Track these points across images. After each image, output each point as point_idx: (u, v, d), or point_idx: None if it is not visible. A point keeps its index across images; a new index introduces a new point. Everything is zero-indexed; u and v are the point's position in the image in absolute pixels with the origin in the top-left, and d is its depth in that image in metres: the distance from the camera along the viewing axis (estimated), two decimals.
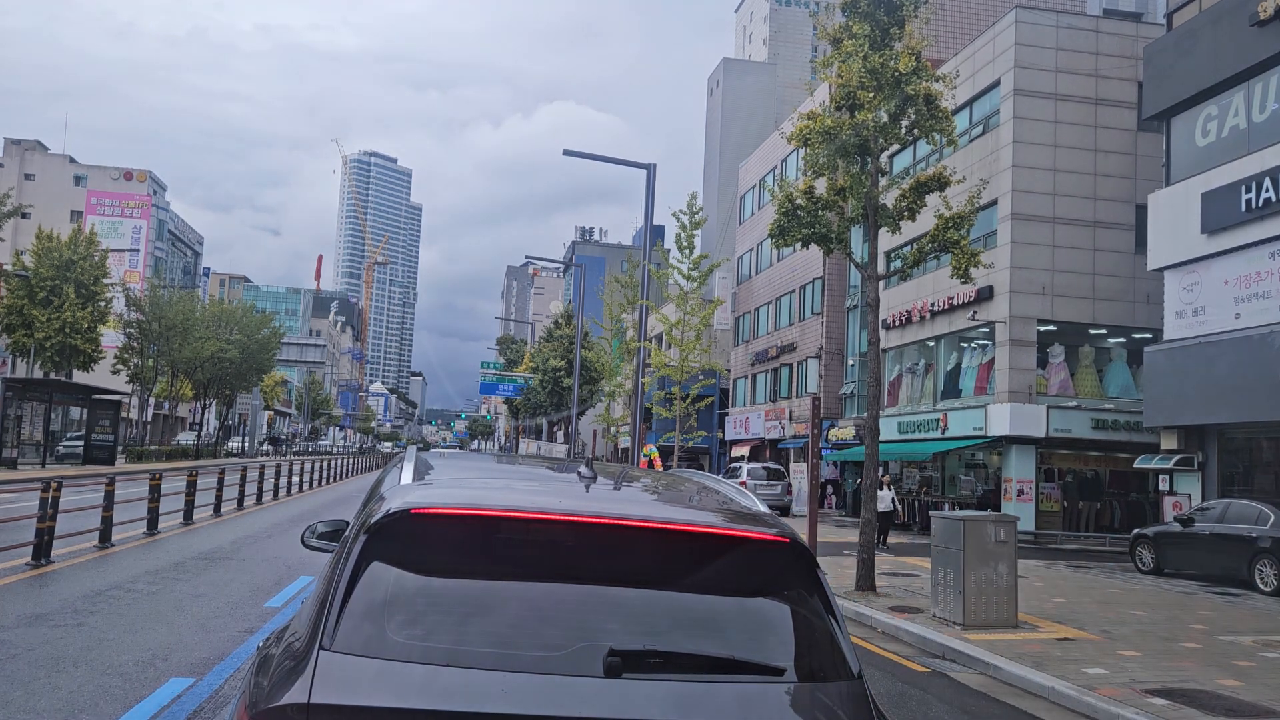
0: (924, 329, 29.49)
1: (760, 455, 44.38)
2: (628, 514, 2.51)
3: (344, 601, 2.24)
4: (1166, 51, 20.97)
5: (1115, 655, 9.83)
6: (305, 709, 2.00)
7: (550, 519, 2.42)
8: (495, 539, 2.42)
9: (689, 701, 2.15)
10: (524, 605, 2.37)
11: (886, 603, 12.86)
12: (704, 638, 2.35)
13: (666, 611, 2.38)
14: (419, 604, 2.31)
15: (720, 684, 2.24)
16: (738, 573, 2.51)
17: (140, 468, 36.21)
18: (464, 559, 2.40)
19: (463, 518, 2.40)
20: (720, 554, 2.49)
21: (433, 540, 2.38)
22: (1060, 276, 25.44)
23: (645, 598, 2.39)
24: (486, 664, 2.14)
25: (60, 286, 43.71)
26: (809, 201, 14.59)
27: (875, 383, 14.22)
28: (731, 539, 2.51)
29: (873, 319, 14.37)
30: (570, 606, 2.36)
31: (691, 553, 2.46)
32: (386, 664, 2.11)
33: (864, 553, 13.93)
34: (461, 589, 2.37)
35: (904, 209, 14.41)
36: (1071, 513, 25.49)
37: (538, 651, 2.20)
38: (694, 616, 2.39)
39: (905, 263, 14.50)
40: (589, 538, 2.42)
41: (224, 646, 7.70)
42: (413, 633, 2.21)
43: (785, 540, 2.50)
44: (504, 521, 2.42)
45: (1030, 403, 24.85)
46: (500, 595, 2.39)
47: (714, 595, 2.46)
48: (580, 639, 2.23)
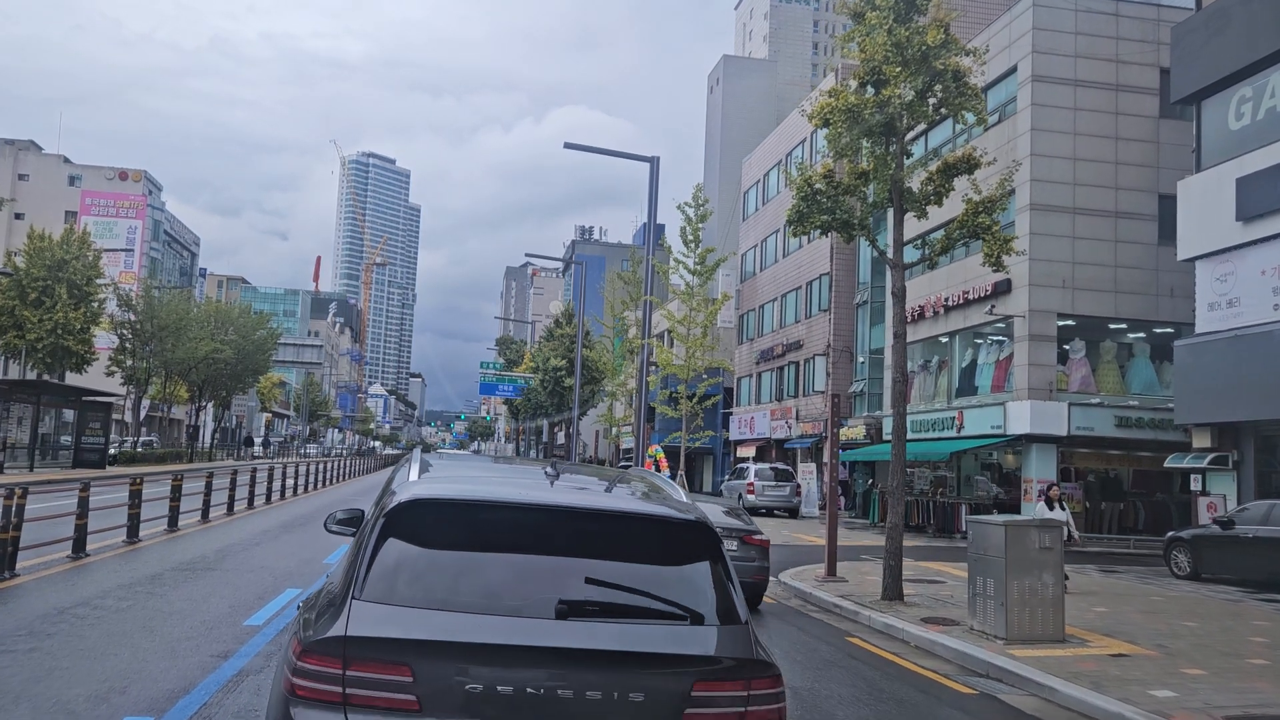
0: (937, 325, 28.59)
1: (766, 455, 43.49)
2: (580, 502, 3.54)
3: (369, 565, 3.14)
4: (1195, 32, 20.07)
5: (1179, 674, 8.94)
6: (343, 640, 2.92)
7: (520, 505, 3.43)
8: (478, 521, 3.33)
9: (615, 637, 3.03)
10: (499, 568, 3.27)
11: (917, 613, 11.97)
12: (632, 592, 3.22)
13: (607, 573, 3.26)
14: (422, 567, 3.21)
15: (640, 624, 3.13)
16: (661, 545, 3.44)
17: (131, 471, 35.31)
18: (455, 535, 3.30)
19: (454, 504, 3.39)
20: (649, 531, 3.45)
21: (432, 521, 3.32)
22: (1081, 269, 24.55)
23: (592, 563, 3.27)
24: (471, 610, 3.05)
25: (52, 287, 42.86)
26: (829, 186, 13.72)
27: (901, 378, 13.34)
28: (658, 520, 3.49)
29: (898, 310, 13.49)
30: (534, 569, 3.26)
31: (627, 530, 3.41)
32: (400, 609, 3.02)
33: (891, 559, 13.05)
34: (453, 556, 3.29)
35: (930, 193, 13.52)
36: (1094, 514, 24.58)
37: (509, 601, 3.09)
38: (626, 577, 3.29)
39: (932, 250, 13.61)
40: (550, 519, 3.36)
41: (192, 675, 6.81)
42: (418, 587, 3.11)
43: (697, 522, 3.47)
44: (485, 507, 3.39)
45: (1051, 400, 23.94)
46: (482, 561, 3.29)
47: (642, 563, 3.37)
48: (540, 592, 3.12)
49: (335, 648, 2.95)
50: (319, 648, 2.98)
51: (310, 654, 2.99)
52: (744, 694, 3.15)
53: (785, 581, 14.90)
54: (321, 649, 2.98)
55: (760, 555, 11.77)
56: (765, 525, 27.69)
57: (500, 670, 2.97)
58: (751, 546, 11.69)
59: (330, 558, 13.97)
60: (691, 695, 3.08)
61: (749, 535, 11.76)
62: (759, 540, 11.82)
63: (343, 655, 2.95)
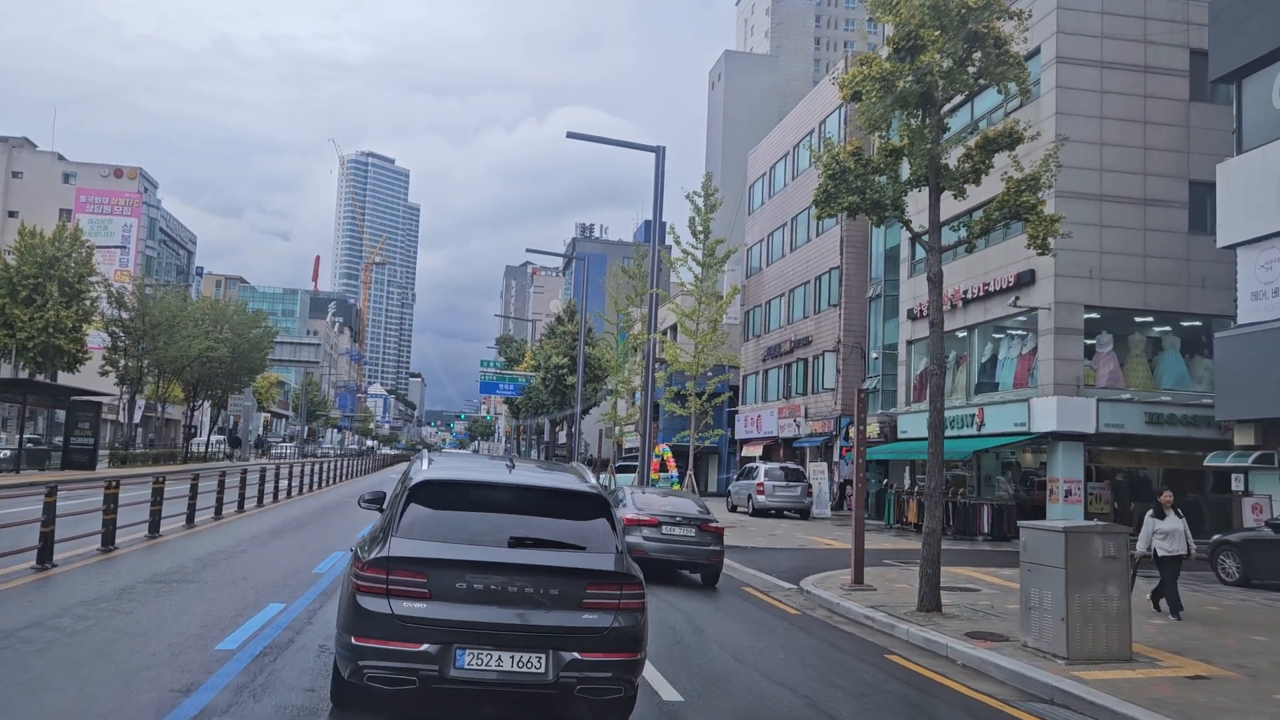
0: (955, 318, 27.55)
1: (774, 454, 42.44)
2: (524, 480, 6.05)
3: (400, 517, 5.54)
4: (1236, 6, 19.01)
5: (1271, 700, 7.92)
6: (387, 560, 5.19)
7: (488, 483, 5.99)
8: (463, 492, 5.85)
9: (542, 557, 5.40)
10: (475, 518, 5.64)
11: (959, 626, 10.93)
12: (556, 534, 5.65)
13: (540, 522, 5.72)
14: (429, 519, 5.57)
15: (557, 551, 5.55)
16: (572, 506, 5.88)
17: (121, 473, 34.30)
18: (449, 499, 5.72)
19: (449, 482, 5.88)
20: (565, 498, 5.95)
21: (436, 492, 5.73)
22: (1109, 259, 23.49)
23: (531, 518, 5.75)
24: (459, 542, 5.40)
25: (43, 285, 41.86)
26: (857, 164, 12.68)
27: (940, 370, 12.32)
28: (570, 491, 5.98)
29: (934, 297, 12.45)
30: (496, 519, 5.65)
31: (552, 497, 5.97)
32: (419, 541, 5.38)
33: (928, 567, 12.03)
34: (449, 512, 5.64)
35: (969, 170, 12.49)
36: (1122, 515, 23.52)
37: (480, 537, 5.46)
38: (550, 524, 5.71)
39: (971, 231, 12.58)
40: (506, 491, 5.93)
41: (144, 716, 5.77)
42: (428, 529, 5.50)
43: (595, 492, 5.96)
44: (467, 484, 5.95)
45: (1078, 396, 22.89)
46: (465, 514, 5.65)
47: (560, 517, 5.79)
48: (499, 532, 5.51)
49: (382, 564, 5.26)
50: (373, 564, 5.28)
51: (368, 568, 5.28)
52: (617, 592, 5.48)
53: (810, 590, 13.88)
54: (374, 565, 5.28)
55: (716, 539, 14.30)
56: (778, 528, 26.63)
57: (475, 575, 5.27)
58: (708, 533, 14.25)
59: (320, 566, 12.95)
60: (586, 591, 5.39)
61: (706, 523, 14.35)
62: (714, 527, 14.41)
63: (387, 568, 5.23)
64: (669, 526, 14.05)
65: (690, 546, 13.99)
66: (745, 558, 18.58)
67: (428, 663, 5.07)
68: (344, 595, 5.50)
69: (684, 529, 14.08)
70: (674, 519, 14.14)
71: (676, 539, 13.99)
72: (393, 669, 5.08)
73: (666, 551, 13.86)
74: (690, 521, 14.13)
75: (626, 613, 5.41)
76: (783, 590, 14.63)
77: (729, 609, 12.54)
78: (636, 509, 14.34)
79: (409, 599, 5.14)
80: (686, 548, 13.99)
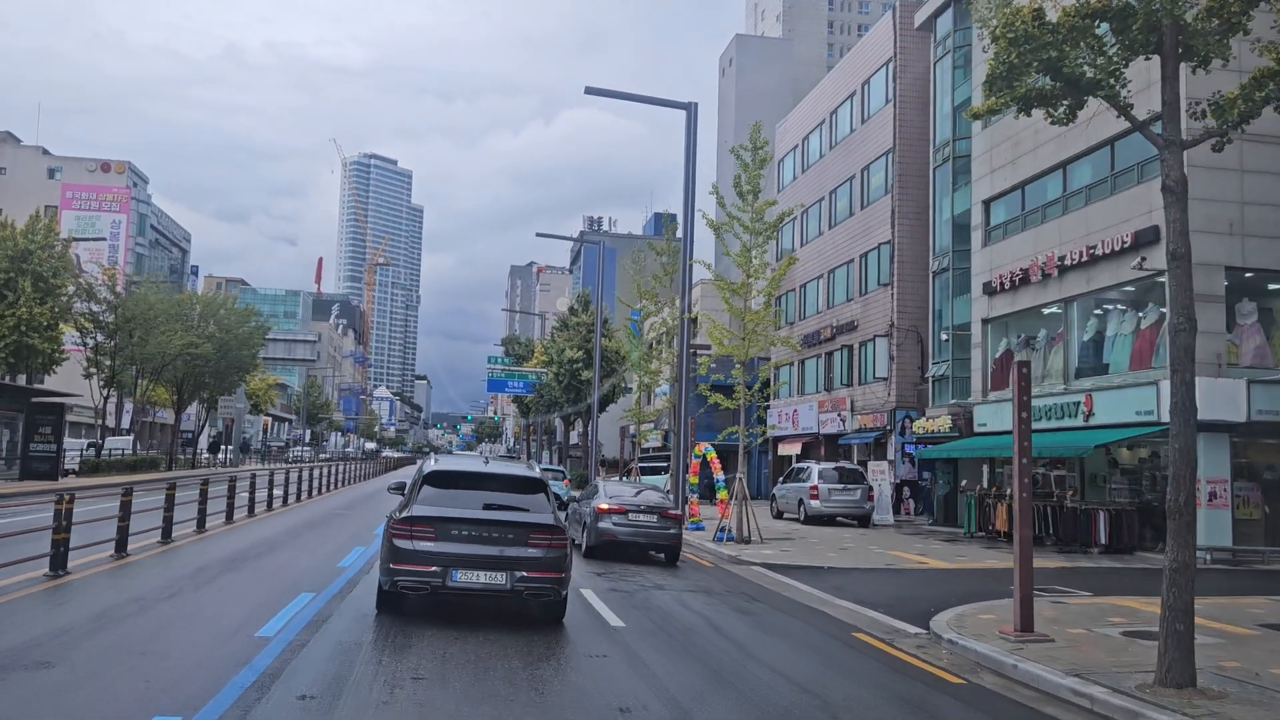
0: (1047, 290, 23.45)
1: (813, 452, 38.37)
2: (495, 470, 10.89)
3: (418, 492, 9.92)
4: None
5: None
6: (411, 518, 9.41)
7: (471, 472, 10.74)
8: (456, 478, 10.42)
9: (504, 515, 9.71)
10: (464, 494, 10.03)
11: (1238, 715, 6.90)
12: (516, 505, 9.94)
13: (506, 500, 10.02)
14: (435, 494, 9.90)
15: (513, 512, 9.81)
16: (523, 486, 10.33)
17: (91, 483, 30.37)
18: (448, 482, 10.21)
19: (448, 472, 10.39)
20: (519, 480, 10.44)
21: (439, 477, 10.23)
22: (1251, 210, 19.42)
23: (499, 493, 10.17)
24: (454, 507, 9.68)
25: (15, 280, 38.07)
26: (1040, 30, 8.67)
27: (1189, 326, 8.29)
28: (522, 476, 10.52)
29: (1177, 216, 8.45)
30: (476, 494, 10.08)
31: (511, 480, 10.48)
32: (429, 506, 9.63)
33: (1178, 621, 7.99)
34: (448, 492, 9.98)
35: (1216, 29, 8.48)
36: (1274, 521, 19.41)
37: (467, 504, 9.80)
38: (510, 496, 10.11)
39: (1225, 120, 8.59)
40: (484, 476, 10.61)
41: None
42: (435, 500, 9.77)
43: (537, 477, 10.43)
44: (458, 473, 10.56)
45: (1221, 377, 18.80)
46: (457, 492, 10.05)
47: (516, 492, 10.20)
48: (479, 502, 9.89)
49: (407, 520, 9.35)
50: (402, 521, 9.37)
51: (399, 522, 9.36)
52: (549, 538, 9.50)
53: (955, 640, 9.97)
54: (402, 521, 9.36)
55: (674, 524, 16.69)
56: (843, 539, 21.78)
57: (462, 526, 9.37)
58: (668, 519, 16.60)
59: (281, 613, 9.06)
60: (530, 536, 9.43)
61: (665, 511, 16.77)
62: (672, 514, 16.82)
63: (410, 522, 9.32)
64: (635, 514, 16.43)
65: (653, 530, 16.41)
66: (825, 582, 14.64)
67: (435, 578, 9.08)
68: (384, 540, 9.66)
69: (648, 516, 16.47)
70: (639, 508, 16.55)
71: (642, 525, 16.37)
72: (415, 581, 9.09)
73: (633, 535, 16.32)
74: (653, 509, 16.66)
75: (555, 549, 9.51)
76: (909, 637, 10.73)
77: (856, 674, 8.74)
78: (608, 499, 16.78)
79: (423, 540, 9.19)
80: (650, 531, 16.40)
